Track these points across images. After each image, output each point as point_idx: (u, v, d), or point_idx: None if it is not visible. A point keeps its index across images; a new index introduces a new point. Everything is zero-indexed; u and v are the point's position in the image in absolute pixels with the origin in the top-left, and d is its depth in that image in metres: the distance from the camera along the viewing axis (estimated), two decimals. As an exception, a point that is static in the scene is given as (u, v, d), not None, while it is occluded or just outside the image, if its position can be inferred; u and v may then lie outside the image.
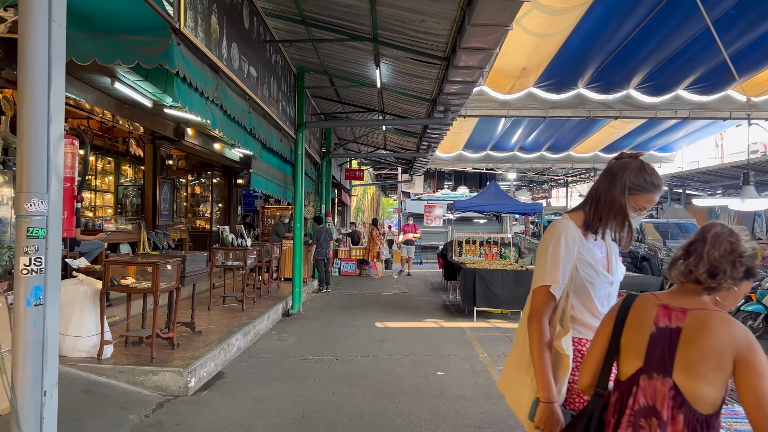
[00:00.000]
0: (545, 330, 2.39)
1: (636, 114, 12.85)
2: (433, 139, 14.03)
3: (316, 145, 14.28)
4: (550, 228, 2.47)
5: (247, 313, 9.07)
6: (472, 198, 15.42)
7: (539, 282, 2.40)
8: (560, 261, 2.34)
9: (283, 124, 9.66)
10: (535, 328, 2.38)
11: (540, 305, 2.39)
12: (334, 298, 12.90)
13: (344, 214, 24.05)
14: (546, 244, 2.42)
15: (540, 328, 2.38)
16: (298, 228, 10.67)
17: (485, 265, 10.53)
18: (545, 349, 2.37)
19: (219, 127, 6.25)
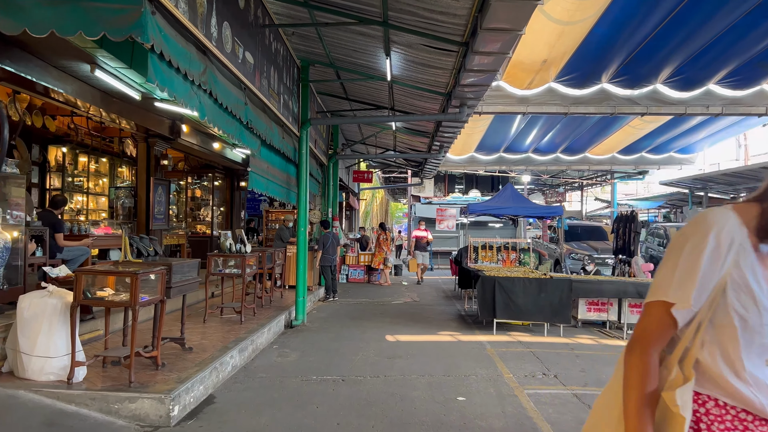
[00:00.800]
0: (651, 368, 1.56)
1: (664, 110, 12.01)
2: (445, 139, 13.24)
3: (322, 145, 13.53)
4: (695, 220, 1.62)
5: (246, 326, 8.30)
6: (488, 201, 14.60)
7: (658, 295, 1.59)
8: (699, 270, 1.51)
9: (286, 120, 8.91)
10: (637, 362, 1.57)
11: (651, 329, 1.58)
12: (341, 307, 12.11)
13: (352, 218, 23.30)
14: (682, 241, 1.58)
15: (644, 364, 1.56)
16: (302, 233, 9.90)
17: (505, 272, 9.71)
18: (645, 397, 1.56)
19: (209, 118, 5.49)
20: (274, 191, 9.02)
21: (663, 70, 11.39)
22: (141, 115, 8.82)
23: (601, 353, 7.85)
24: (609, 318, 9.66)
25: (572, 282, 8.94)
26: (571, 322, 9.17)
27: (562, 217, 13.84)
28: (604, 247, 14.86)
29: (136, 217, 9.70)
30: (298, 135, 9.88)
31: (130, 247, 6.09)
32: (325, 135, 13.86)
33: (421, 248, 16.88)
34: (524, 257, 11.95)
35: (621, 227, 11.66)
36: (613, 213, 25.78)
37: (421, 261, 16.91)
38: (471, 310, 11.46)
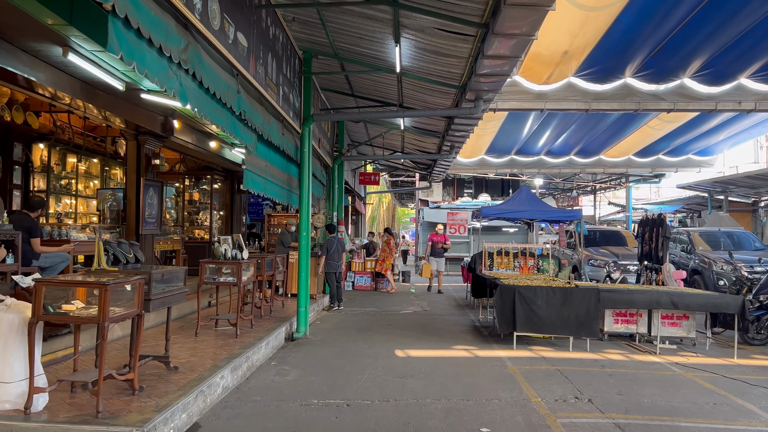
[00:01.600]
0: None
1: (693, 106, 11.21)
2: (457, 139, 12.49)
3: (326, 146, 12.80)
4: None
5: (242, 340, 7.55)
6: (502, 204, 13.80)
7: None
8: None
9: (286, 115, 8.18)
10: None
11: None
12: (346, 317, 11.34)
13: (359, 223, 22.56)
14: None
15: None
16: (304, 238, 9.15)
17: (524, 281, 8.92)
18: None
19: (192, 104, 4.76)
20: (273, 192, 8.28)
21: (692, 63, 10.60)
22: (129, 110, 8.11)
23: (636, 372, 7.03)
24: (638, 330, 8.85)
25: (600, 291, 8.14)
26: (598, 335, 8.36)
27: (581, 221, 13.04)
28: (625, 252, 14.03)
29: (125, 221, 8.99)
30: (299, 132, 9.15)
31: (106, 253, 5.35)
32: (329, 135, 13.13)
33: (437, 254, 15.78)
34: (543, 264, 11.16)
35: (647, 232, 10.84)
36: (628, 218, 24.91)
37: (435, 267, 15.88)
38: (486, 321, 10.66)
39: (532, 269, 11.15)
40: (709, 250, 14.30)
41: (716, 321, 8.91)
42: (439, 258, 15.72)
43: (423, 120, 12.56)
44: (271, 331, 8.28)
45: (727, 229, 15.43)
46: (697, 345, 8.75)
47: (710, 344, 8.67)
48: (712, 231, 15.26)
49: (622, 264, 13.47)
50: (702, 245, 14.52)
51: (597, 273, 13.57)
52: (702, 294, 8.28)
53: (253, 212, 17.71)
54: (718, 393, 6.12)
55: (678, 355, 8.11)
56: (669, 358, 7.89)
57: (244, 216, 15.58)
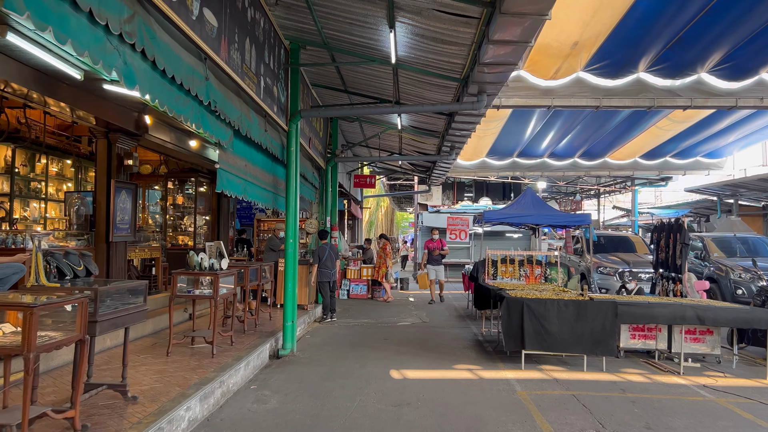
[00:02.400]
0: None
1: (711, 102, 10.43)
2: (457, 139, 11.71)
3: (319, 146, 12.01)
4: None
5: (219, 359, 6.74)
6: (505, 208, 12.99)
7: None
8: None
9: (269, 110, 7.39)
10: None
11: None
12: (339, 330, 10.53)
13: (355, 228, 21.76)
14: None
15: None
16: (290, 245, 8.35)
17: (533, 292, 8.11)
18: None
19: (143, 88, 3.96)
20: (254, 195, 7.48)
21: (711, 56, 9.84)
22: (95, 104, 7.30)
23: (662, 397, 6.23)
24: (658, 346, 8.05)
25: (618, 305, 7.33)
26: (615, 354, 7.55)
27: (590, 226, 12.24)
28: (636, 259, 13.22)
29: (94, 227, 8.18)
30: (286, 129, 8.36)
31: (48, 266, 4.55)
32: (322, 135, 12.35)
33: (435, 261, 14.71)
34: (551, 273, 10.36)
35: (663, 238, 10.05)
36: (634, 222, 24.12)
37: (434, 276, 14.83)
38: (490, 335, 9.85)
39: (539, 278, 10.35)
40: (724, 257, 13.51)
41: (743, 336, 8.12)
42: (438, 266, 14.70)
43: (421, 118, 11.78)
44: (253, 348, 7.47)
45: (742, 235, 14.63)
46: (722, 363, 7.96)
47: (737, 362, 7.88)
48: (726, 236, 14.46)
49: (632, 272, 12.66)
50: (716, 251, 13.73)
51: (606, 282, 12.77)
52: (730, 308, 7.48)
53: (244, 217, 16.92)
54: (760, 426, 5.32)
55: (704, 375, 7.31)
56: (695, 379, 7.09)
57: (233, 221, 14.78)
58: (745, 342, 8.16)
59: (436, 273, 14.68)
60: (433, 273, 14.68)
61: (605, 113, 16.31)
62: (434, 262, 14.58)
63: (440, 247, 14.50)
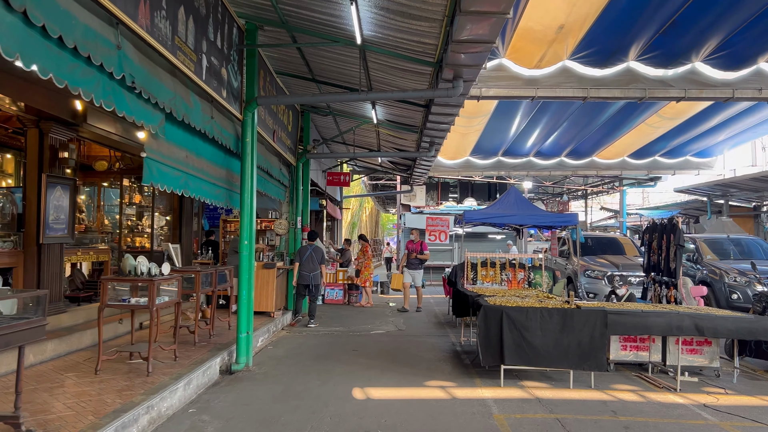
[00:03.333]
0: None
1: (706, 94, 9.71)
2: (435, 133, 10.91)
3: (287, 141, 11.17)
4: None
5: (153, 379, 5.88)
6: (487, 207, 12.20)
7: None
8: None
9: (217, 95, 6.54)
10: None
11: None
12: (306, 339, 9.68)
13: (335, 229, 20.91)
14: None
15: None
16: (245, 247, 7.50)
17: (514, 299, 7.32)
18: None
19: (14, 49, 3.11)
20: (200, 190, 6.62)
21: (706, 43, 9.13)
22: (19, 87, 6.41)
23: (659, 421, 5.45)
24: (651, 359, 7.30)
25: (607, 314, 6.56)
26: (605, 368, 6.76)
27: (577, 227, 11.49)
28: (625, 262, 12.49)
29: (24, 227, 7.28)
30: (240, 118, 7.51)
31: None
32: (291, 129, 11.50)
33: (412, 265, 13.25)
34: (535, 277, 9.58)
35: (655, 239, 9.31)
36: (622, 223, 23.48)
37: (410, 281, 13.42)
38: (469, 345, 9.05)
39: (522, 283, 9.57)
40: (717, 260, 12.84)
41: (745, 348, 7.39)
42: (415, 270, 13.37)
43: (397, 111, 10.98)
44: (198, 364, 6.61)
45: (735, 236, 13.98)
46: (721, 376, 7.23)
47: (737, 375, 7.14)
48: (719, 238, 13.79)
49: (621, 275, 11.94)
50: (709, 254, 13.05)
51: (594, 286, 12.03)
52: (732, 317, 6.72)
53: (216, 218, 16.00)
54: (776, 459, 4.55)
55: (704, 392, 6.55)
56: (694, 397, 6.33)
57: (197, 221, 13.88)
58: (747, 353, 7.44)
59: (412, 278, 13.42)
60: (409, 277, 13.41)
61: (593, 109, 15.65)
62: (410, 266, 13.33)
63: (418, 250, 13.26)
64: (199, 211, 13.51)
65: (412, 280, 13.27)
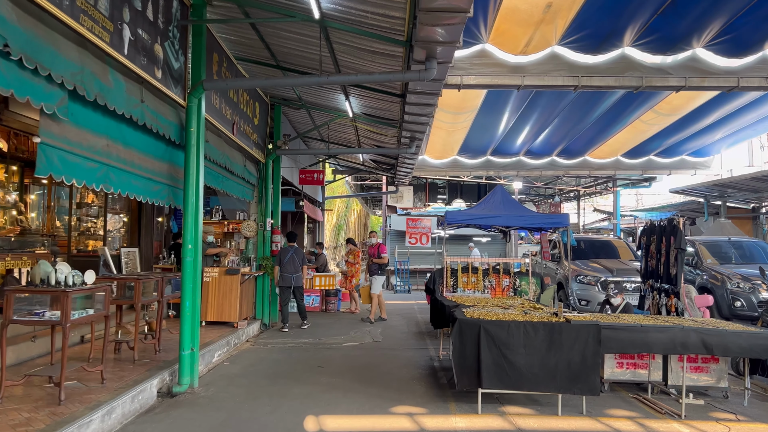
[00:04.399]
0: None
1: (709, 83, 8.87)
2: (415, 127, 10.02)
3: (253, 135, 10.25)
4: None
5: (66, 408, 4.96)
6: (472, 208, 11.29)
7: None
8: None
9: (148, 75, 5.63)
10: None
11: None
12: (270, 353, 8.77)
13: (316, 231, 19.98)
14: None
15: None
16: (188, 252, 6.57)
17: (495, 311, 6.41)
18: None
19: None
20: (129, 186, 5.69)
21: (709, 26, 8.29)
22: None
23: (662, 461, 4.56)
24: (651, 377, 6.43)
25: (601, 329, 5.67)
26: (598, 391, 5.86)
27: (568, 229, 10.62)
28: (620, 267, 11.62)
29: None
30: (184, 105, 6.59)
31: None
32: (259, 122, 10.58)
33: (372, 271, 12.10)
34: (521, 283, 8.69)
35: (653, 242, 8.45)
36: (616, 225, 22.66)
37: (375, 290, 12.17)
38: (448, 359, 8.12)
39: (507, 291, 8.68)
40: (718, 264, 11.99)
41: (758, 366, 6.52)
42: (376, 276, 12.12)
43: (373, 103, 10.09)
44: (127, 388, 5.67)
45: (737, 239, 13.15)
46: (730, 397, 6.36)
47: (748, 397, 6.27)
48: (719, 241, 12.96)
49: (614, 281, 11.07)
50: (709, 258, 12.20)
51: (587, 292, 11.16)
52: (746, 333, 5.84)
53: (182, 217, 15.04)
54: None
55: (712, 418, 5.68)
56: (702, 425, 5.45)
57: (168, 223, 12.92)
58: (760, 372, 6.57)
59: (376, 285, 12.24)
60: (375, 285, 12.23)
61: (585, 103, 14.81)
62: (371, 272, 12.24)
63: (375, 254, 12.12)
64: (169, 212, 12.55)
65: (376, 286, 12.24)
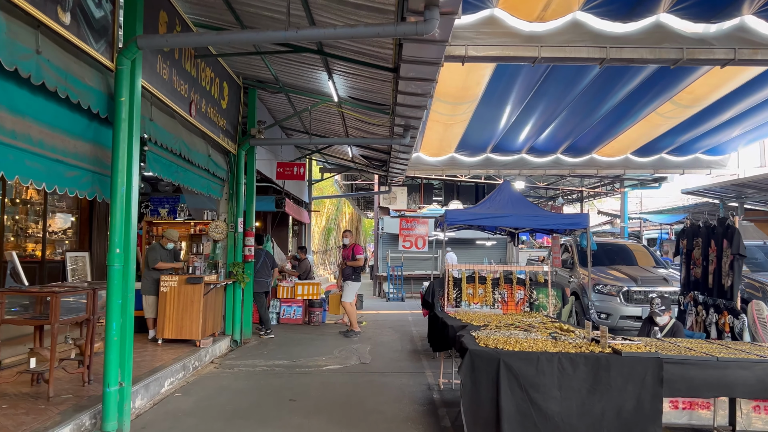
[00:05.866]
0: None
1: (762, 56, 7.40)
2: (410, 112, 8.54)
3: (220, 120, 8.76)
4: None
5: None
6: (476, 206, 9.78)
7: None
8: None
9: (49, 18, 4.12)
10: None
11: None
12: (234, 381, 7.26)
13: (302, 235, 18.44)
14: None
15: None
16: (116, 258, 5.04)
17: (515, 336, 4.90)
18: None
19: None
20: (23, 169, 4.19)
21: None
22: None
23: None
24: (717, 422, 4.94)
25: (663, 364, 4.18)
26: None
27: (588, 231, 9.17)
28: (644, 275, 10.15)
29: None
30: (112, 68, 5.08)
31: None
32: (227, 106, 9.08)
33: (344, 275, 10.67)
34: (539, 296, 7.21)
35: (696, 247, 7.00)
36: (624, 229, 21.24)
37: (346, 298, 10.72)
38: (451, 390, 6.65)
39: (521, 305, 7.19)
40: (749, 272, 10.55)
41: None
42: (349, 282, 10.64)
43: (361, 84, 8.63)
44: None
45: (753, 243, 11.74)
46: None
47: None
48: (751, 246, 11.50)
49: (642, 291, 9.64)
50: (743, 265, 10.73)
51: (607, 304, 9.70)
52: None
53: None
54: None
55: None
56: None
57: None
58: None
59: (349, 292, 10.77)
60: (349, 292, 10.75)
61: (596, 94, 13.42)
62: (343, 276, 10.81)
63: (350, 256, 10.70)
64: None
65: (349, 293, 10.72)
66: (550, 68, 12.24)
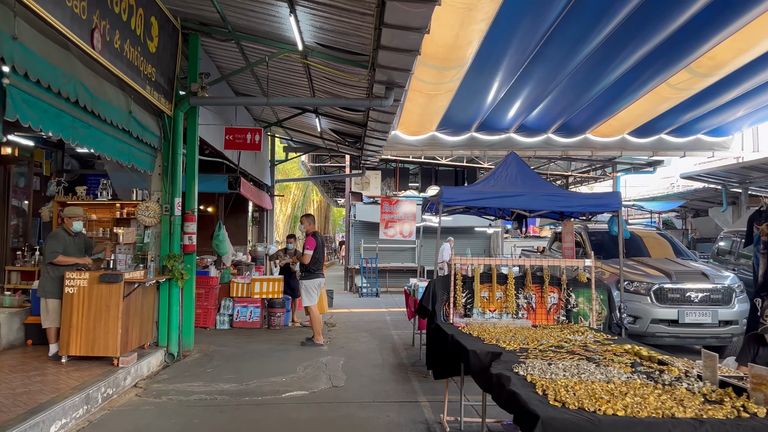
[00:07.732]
0: None
1: None
2: (397, 62, 6.57)
3: (146, 68, 6.63)
4: None
5: None
6: (480, 182, 7.71)
7: None
8: None
9: None
10: None
11: None
12: (160, 415, 5.22)
13: (263, 223, 16.27)
14: None
15: None
16: None
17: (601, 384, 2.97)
18: None
19: None
20: None
21: None
22: None
23: None
24: None
25: None
26: None
27: (619, 214, 7.34)
28: (678, 269, 8.35)
29: None
30: None
31: None
32: (157, 50, 6.93)
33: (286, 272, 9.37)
34: (578, 301, 5.30)
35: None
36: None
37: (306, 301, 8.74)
38: (459, 430, 4.73)
39: (554, 314, 5.29)
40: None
41: None
42: (302, 282, 8.72)
43: (331, 20, 6.58)
44: None
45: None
46: None
47: None
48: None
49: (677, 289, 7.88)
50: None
51: (635, 305, 7.91)
52: None
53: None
54: None
55: None
56: None
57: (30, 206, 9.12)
58: None
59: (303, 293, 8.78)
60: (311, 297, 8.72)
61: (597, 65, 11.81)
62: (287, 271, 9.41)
63: (294, 252, 9.38)
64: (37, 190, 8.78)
65: (302, 298, 8.77)
66: (556, 25, 10.42)
